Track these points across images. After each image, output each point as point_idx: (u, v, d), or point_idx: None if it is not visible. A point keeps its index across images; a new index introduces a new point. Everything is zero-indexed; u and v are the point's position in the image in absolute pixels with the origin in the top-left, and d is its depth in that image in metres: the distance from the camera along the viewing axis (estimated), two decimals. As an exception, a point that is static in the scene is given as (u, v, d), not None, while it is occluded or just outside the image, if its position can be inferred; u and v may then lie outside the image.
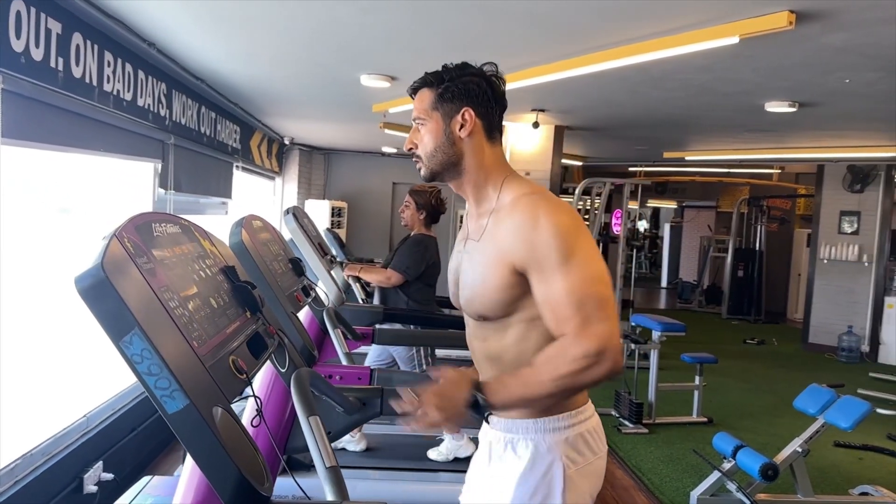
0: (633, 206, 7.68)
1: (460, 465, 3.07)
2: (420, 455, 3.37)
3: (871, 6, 2.38)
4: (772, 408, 5.41)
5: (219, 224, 4.58)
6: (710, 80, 3.73)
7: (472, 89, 1.37)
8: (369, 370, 2.05)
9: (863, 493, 3.62)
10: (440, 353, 4.76)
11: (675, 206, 15.42)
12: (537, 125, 5.19)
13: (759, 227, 10.67)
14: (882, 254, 7.75)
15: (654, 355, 4.92)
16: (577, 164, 8.57)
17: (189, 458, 1.26)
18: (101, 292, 0.92)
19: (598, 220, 6.83)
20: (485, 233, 1.35)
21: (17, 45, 2.32)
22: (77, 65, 2.76)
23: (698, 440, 4.35)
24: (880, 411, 3.69)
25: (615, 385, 4.98)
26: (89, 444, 3.00)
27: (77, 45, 2.75)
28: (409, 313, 3.30)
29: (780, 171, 10.11)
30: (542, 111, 5.05)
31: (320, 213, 8.05)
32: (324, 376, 1.56)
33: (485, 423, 1.47)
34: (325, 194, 9.03)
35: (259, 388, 1.94)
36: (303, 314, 2.45)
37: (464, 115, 1.37)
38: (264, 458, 1.10)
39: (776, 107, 4.28)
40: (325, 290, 3.00)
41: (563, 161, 6.57)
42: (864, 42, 2.82)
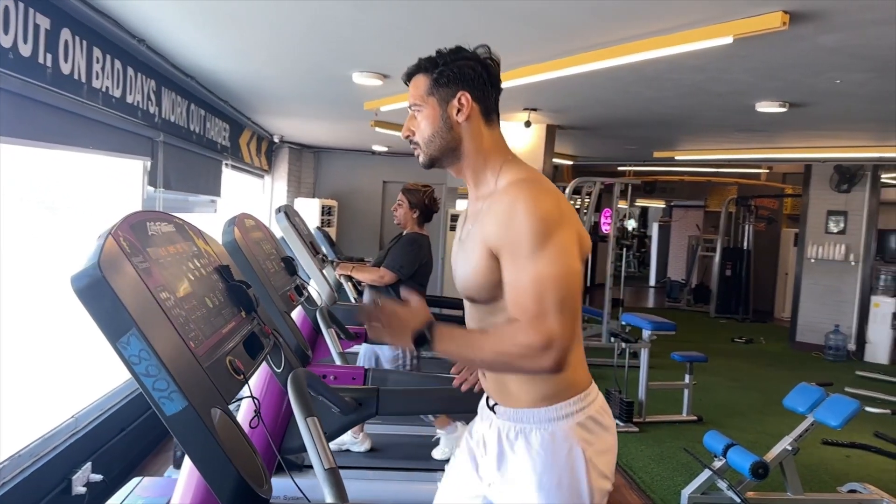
0: (623, 205, 7.68)
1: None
2: (424, 455, 3.37)
3: (864, 7, 2.40)
4: (760, 406, 5.45)
5: (208, 222, 4.55)
6: (703, 80, 3.74)
7: (467, 73, 1.37)
8: (363, 370, 2.05)
9: (851, 491, 3.65)
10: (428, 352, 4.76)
11: (664, 206, 15.50)
12: (529, 124, 5.19)
13: (746, 226, 10.75)
14: (868, 253, 7.82)
15: (645, 354, 4.94)
16: (568, 163, 8.58)
17: (187, 460, 1.24)
18: (98, 292, 0.90)
19: (588, 219, 6.85)
20: (479, 217, 1.35)
21: (6, 41, 2.29)
22: (66, 61, 2.72)
23: (688, 438, 4.37)
24: (868, 409, 3.71)
25: (605, 384, 4.99)
26: (78, 445, 2.96)
27: (66, 41, 2.71)
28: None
29: (767, 170, 10.18)
30: (534, 110, 5.05)
31: (310, 211, 8.01)
32: (319, 376, 1.55)
33: (484, 411, 1.47)
34: (315, 193, 8.99)
35: (253, 388, 1.92)
36: (294, 313, 2.44)
37: (460, 99, 1.37)
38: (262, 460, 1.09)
39: (767, 107, 4.30)
40: (317, 290, 2.99)
41: (554, 160, 6.58)
42: (856, 43, 2.84)
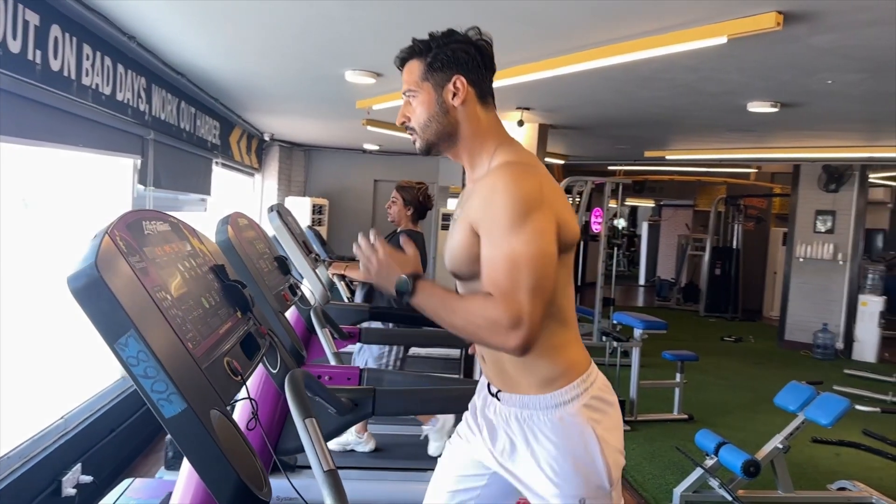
0: (613, 204, 7.71)
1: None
2: (429, 455, 3.36)
3: (858, 8, 2.41)
4: (750, 404, 5.49)
5: (198, 221, 4.51)
6: (696, 80, 3.76)
7: (460, 56, 1.36)
8: (359, 370, 2.04)
9: (841, 489, 3.68)
10: (419, 351, 4.76)
11: (653, 205, 15.56)
12: (522, 123, 5.19)
13: (735, 225, 10.82)
14: (856, 252, 7.89)
15: (636, 353, 4.96)
16: (559, 162, 8.60)
17: (186, 463, 1.23)
18: (96, 292, 0.89)
19: (580, 219, 6.87)
20: (469, 197, 1.36)
21: (-6, 37, 2.26)
22: (55, 58, 2.69)
23: (679, 437, 4.38)
24: (859, 408, 3.75)
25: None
26: (67, 446, 2.94)
27: (55, 38, 2.67)
28: (394, 312, 3.28)
29: (756, 170, 10.25)
30: (527, 109, 5.05)
31: (301, 210, 7.97)
32: (315, 377, 1.54)
33: (487, 398, 1.46)
34: (306, 191, 8.95)
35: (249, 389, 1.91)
36: (287, 313, 2.42)
37: (455, 83, 1.37)
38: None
39: (758, 107, 4.33)
40: (310, 289, 2.97)
41: (546, 160, 6.59)
42: (849, 43, 2.85)
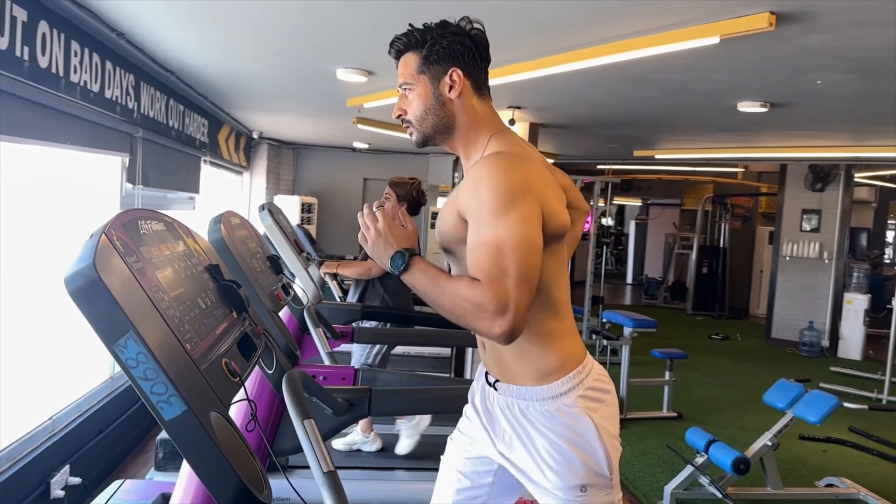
0: (601, 203, 7.75)
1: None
2: (436, 454, 3.31)
3: (849, 9, 2.43)
4: (738, 402, 5.53)
5: (187, 220, 4.47)
6: (688, 80, 3.77)
7: (456, 49, 1.37)
8: (353, 370, 2.03)
9: (828, 485, 3.72)
10: (408, 350, 4.74)
11: (640, 204, 15.64)
12: (513, 122, 5.19)
13: (722, 224, 10.91)
14: (841, 251, 7.98)
15: (626, 351, 4.98)
16: (549, 161, 8.61)
17: (185, 465, 1.22)
18: (94, 293, 0.87)
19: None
20: (461, 184, 1.37)
21: (-19, 33, 2.23)
22: (43, 54, 2.65)
23: (669, 435, 4.41)
24: (847, 405, 3.79)
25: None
26: (55, 448, 2.91)
27: (43, 34, 2.64)
28: (387, 311, 3.27)
29: (743, 169, 10.33)
30: (519, 108, 5.05)
31: (290, 209, 7.93)
32: (312, 377, 1.53)
33: (485, 388, 1.47)
34: (295, 190, 8.90)
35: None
36: (280, 313, 2.41)
37: (451, 75, 1.37)
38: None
39: (748, 107, 4.35)
40: (302, 288, 2.95)
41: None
42: (839, 44, 2.88)
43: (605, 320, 6.02)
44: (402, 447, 3.23)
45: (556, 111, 5.23)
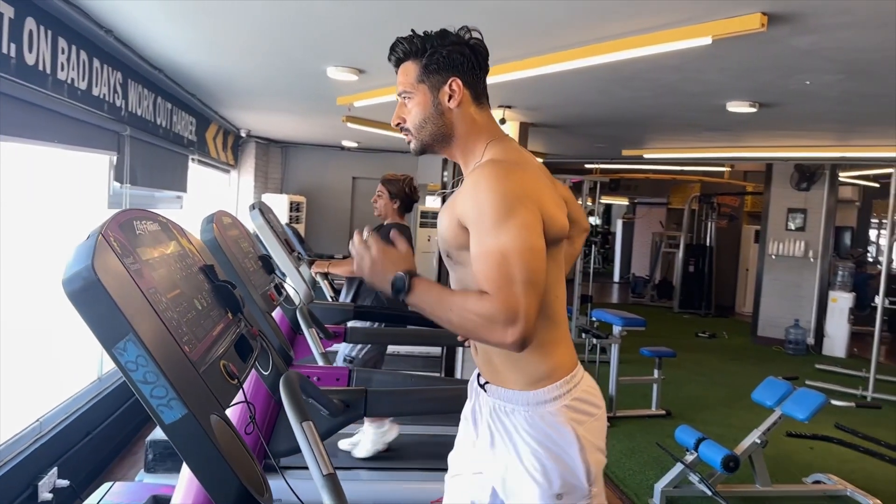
0: (590, 202, 7.77)
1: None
2: (443, 454, 3.28)
3: (840, 10, 2.45)
4: (726, 399, 5.57)
5: (174, 219, 4.42)
6: (679, 80, 3.79)
7: (456, 58, 1.37)
8: (347, 371, 2.02)
9: (816, 482, 3.76)
10: (399, 349, 4.73)
11: (627, 203, 15.72)
12: (504, 122, 5.19)
13: (709, 223, 10.99)
14: (826, 249, 8.06)
15: (615, 349, 5.00)
16: (537, 160, 8.63)
17: (185, 468, 1.20)
18: (93, 295, 0.86)
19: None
20: (459, 190, 1.37)
21: (-33, 29, 2.19)
22: (30, 51, 2.61)
23: (658, 433, 4.43)
24: (834, 402, 3.83)
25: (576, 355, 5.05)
26: (43, 450, 2.88)
27: (30, 31, 2.60)
28: (379, 311, 3.26)
29: (730, 168, 10.41)
30: (509, 108, 5.05)
31: (278, 207, 7.89)
32: (308, 378, 1.52)
33: (474, 387, 1.48)
34: (283, 188, 8.86)
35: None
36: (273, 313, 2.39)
37: (451, 85, 1.38)
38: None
39: (737, 107, 4.38)
40: (294, 288, 2.93)
41: (525, 157, 6.59)
42: (828, 45, 2.90)
43: (594, 319, 6.04)
44: (362, 451, 3.07)
45: (546, 110, 5.24)
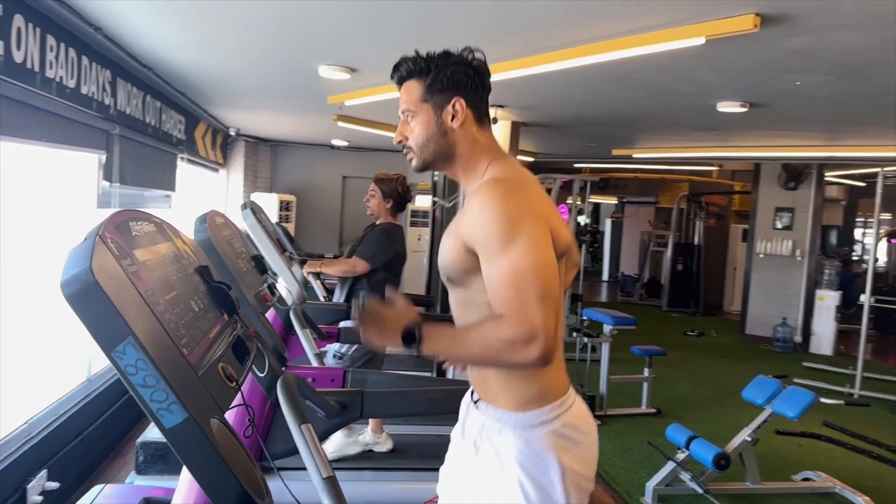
0: (579, 202, 7.79)
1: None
2: (439, 455, 3.25)
3: (830, 11, 2.47)
4: (715, 397, 5.60)
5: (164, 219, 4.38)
6: (671, 80, 3.81)
7: (460, 79, 1.38)
8: (342, 372, 2.01)
9: (805, 479, 3.80)
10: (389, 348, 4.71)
11: (616, 202, 15.78)
12: (496, 121, 5.19)
13: (697, 222, 11.05)
14: (813, 248, 8.13)
15: (606, 348, 5.02)
16: (528, 160, 8.65)
17: (185, 472, 1.19)
18: (92, 298, 0.85)
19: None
20: (463, 210, 1.37)
21: (-45, 27, 2.16)
22: (18, 49, 2.58)
23: (648, 431, 4.45)
24: (823, 400, 3.86)
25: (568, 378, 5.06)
26: (32, 452, 2.84)
27: (18, 28, 2.57)
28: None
29: (718, 168, 10.48)
30: (501, 107, 5.05)
31: (268, 206, 7.85)
32: (305, 380, 1.51)
33: (467, 403, 1.48)
34: (272, 187, 8.82)
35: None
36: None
37: (454, 105, 1.38)
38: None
39: (728, 107, 4.41)
40: (287, 288, 2.92)
41: (517, 157, 6.61)
42: (819, 46, 2.93)
43: (584, 318, 6.06)
44: (354, 449, 3.12)
45: (539, 110, 5.25)
